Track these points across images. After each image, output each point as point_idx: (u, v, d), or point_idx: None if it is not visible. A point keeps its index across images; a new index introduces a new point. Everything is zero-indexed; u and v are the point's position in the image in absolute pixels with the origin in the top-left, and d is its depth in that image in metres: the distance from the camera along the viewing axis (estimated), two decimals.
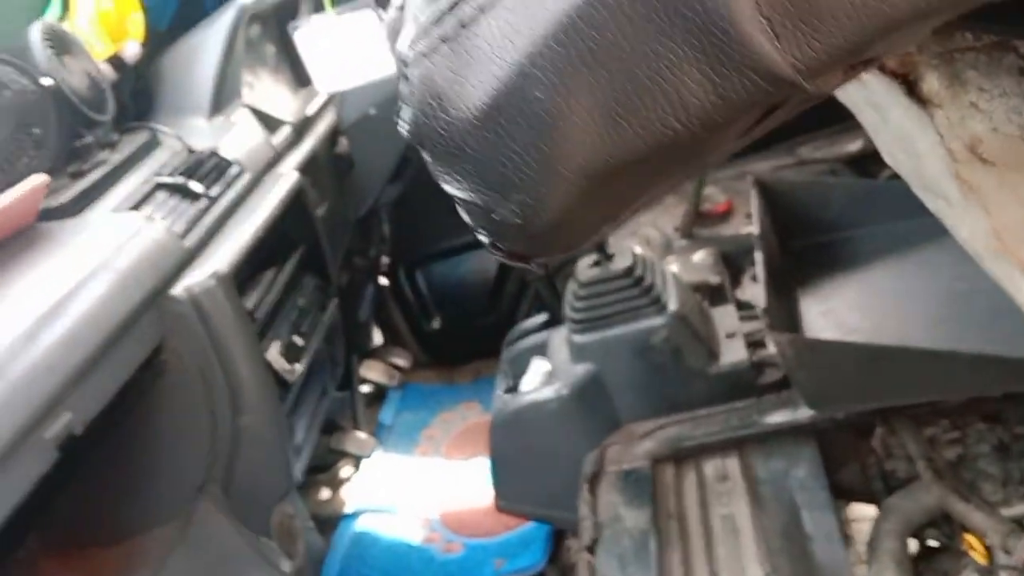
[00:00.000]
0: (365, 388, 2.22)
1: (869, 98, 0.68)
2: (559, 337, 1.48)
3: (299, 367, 1.32)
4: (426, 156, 0.33)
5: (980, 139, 0.53)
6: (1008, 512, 1.24)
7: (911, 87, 0.56)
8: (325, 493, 1.98)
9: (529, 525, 1.69)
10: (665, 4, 0.27)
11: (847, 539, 1.28)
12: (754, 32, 0.26)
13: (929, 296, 1.29)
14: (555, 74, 0.29)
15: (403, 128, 0.33)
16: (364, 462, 2.04)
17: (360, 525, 1.88)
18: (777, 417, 1.33)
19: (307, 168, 1.47)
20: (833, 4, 0.26)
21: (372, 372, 2.22)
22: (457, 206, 0.35)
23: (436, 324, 2.42)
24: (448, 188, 0.34)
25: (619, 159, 0.30)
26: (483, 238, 0.35)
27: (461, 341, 2.43)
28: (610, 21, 0.27)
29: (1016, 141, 0.50)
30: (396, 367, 2.30)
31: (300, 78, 1.73)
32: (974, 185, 0.57)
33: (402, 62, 0.31)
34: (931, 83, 0.54)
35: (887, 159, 0.84)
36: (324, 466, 2.00)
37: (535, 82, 0.29)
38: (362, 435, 2.02)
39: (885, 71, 0.57)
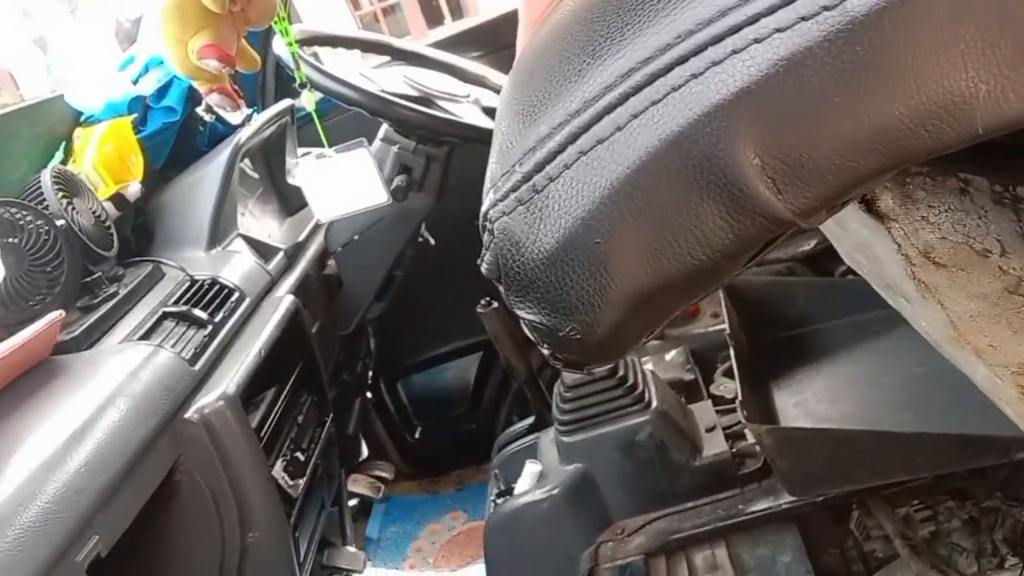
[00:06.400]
0: (352, 502, 2.24)
1: None
2: (548, 439, 1.54)
3: (301, 482, 1.36)
4: (502, 288, 0.41)
5: (932, 246, 0.62)
6: None
7: (869, 205, 0.66)
8: None
9: None
10: (694, 173, 0.35)
11: None
12: (762, 189, 0.35)
13: (892, 382, 1.38)
14: (609, 225, 0.37)
15: (484, 267, 0.41)
16: None
17: None
18: (760, 505, 1.39)
19: (300, 290, 1.55)
20: (820, 165, 0.35)
21: (357, 486, 2.23)
22: (524, 327, 0.42)
23: (417, 434, 2.46)
24: (520, 313, 0.41)
25: (658, 285, 0.38)
26: (545, 351, 0.43)
27: (442, 450, 2.47)
28: (652, 186, 0.36)
29: (962, 247, 0.59)
30: (380, 479, 2.32)
31: (288, 208, 1.83)
32: (930, 284, 0.66)
33: (486, 218, 0.40)
34: (887, 202, 0.64)
35: (847, 261, 0.94)
36: None
37: (594, 231, 0.37)
38: (352, 550, 2.03)
39: None
